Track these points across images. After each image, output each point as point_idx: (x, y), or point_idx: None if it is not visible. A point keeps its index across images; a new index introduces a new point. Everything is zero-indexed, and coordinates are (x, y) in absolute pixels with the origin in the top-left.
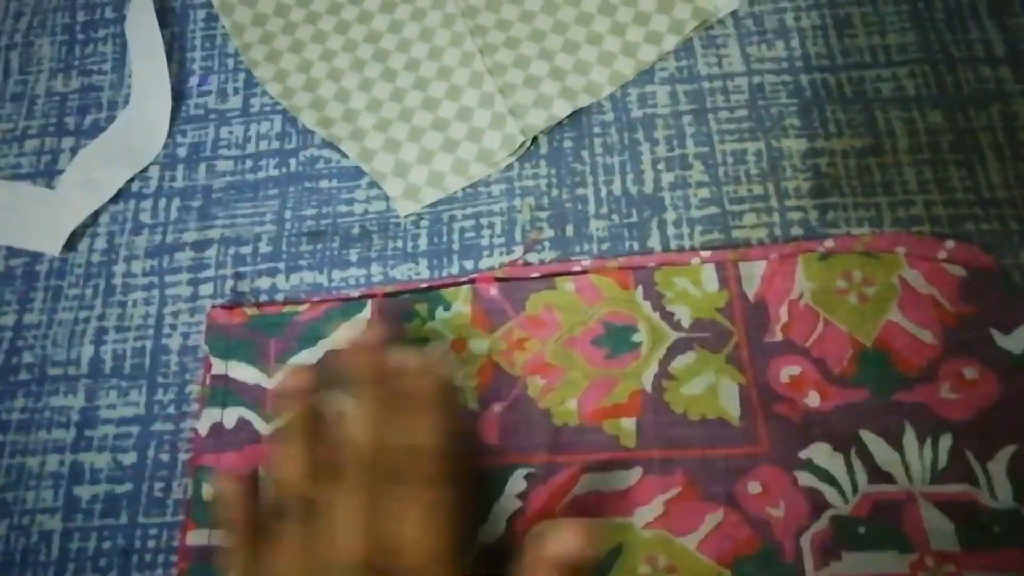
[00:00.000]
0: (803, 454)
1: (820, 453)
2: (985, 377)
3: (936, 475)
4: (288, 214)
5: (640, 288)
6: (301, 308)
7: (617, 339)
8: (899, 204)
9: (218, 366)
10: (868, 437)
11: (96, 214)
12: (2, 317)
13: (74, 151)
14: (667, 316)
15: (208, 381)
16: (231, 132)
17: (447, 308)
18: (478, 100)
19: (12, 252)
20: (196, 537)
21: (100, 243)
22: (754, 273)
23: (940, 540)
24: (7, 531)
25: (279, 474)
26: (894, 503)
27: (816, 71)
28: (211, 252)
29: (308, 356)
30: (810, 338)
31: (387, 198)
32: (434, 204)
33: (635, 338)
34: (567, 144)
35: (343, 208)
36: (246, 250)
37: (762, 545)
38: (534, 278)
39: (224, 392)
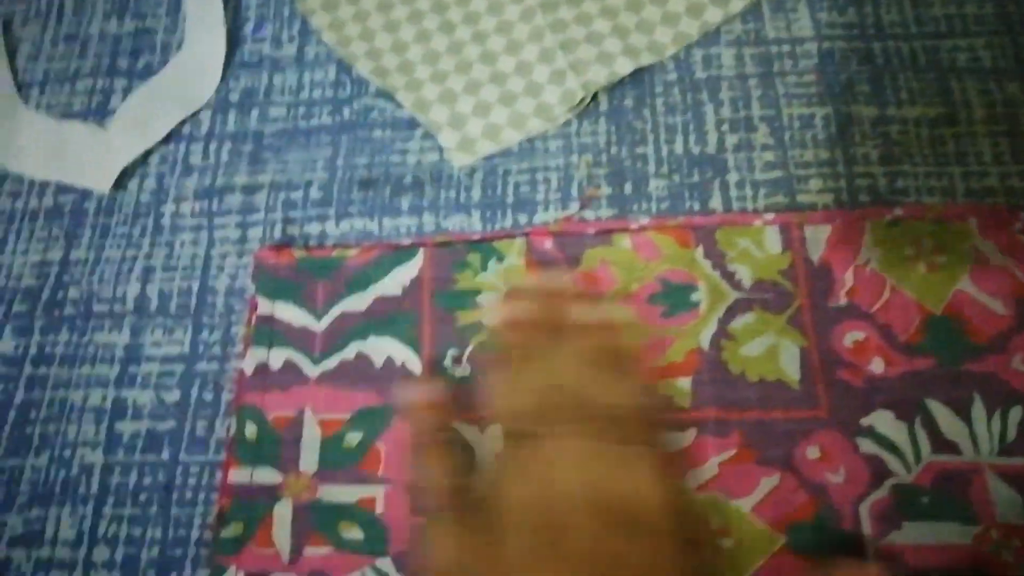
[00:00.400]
0: (865, 421)
1: (883, 421)
2: None
3: (1005, 447)
4: (340, 162)
5: (700, 247)
6: (351, 252)
7: (675, 297)
8: (973, 175)
9: (264, 306)
10: (934, 406)
11: (146, 154)
12: (49, 252)
13: (126, 92)
14: (728, 276)
15: (254, 321)
16: (284, 79)
17: (500, 260)
18: (538, 55)
19: (61, 189)
20: (238, 475)
21: (150, 183)
22: (819, 237)
23: (1007, 513)
24: (47, 463)
25: (502, 407)
26: (960, 474)
27: (889, 39)
28: (261, 196)
29: (357, 301)
30: (876, 304)
31: (441, 149)
32: (489, 157)
33: (694, 297)
34: (628, 102)
35: (396, 158)
36: (296, 195)
37: (819, 511)
38: (591, 234)
39: (270, 333)
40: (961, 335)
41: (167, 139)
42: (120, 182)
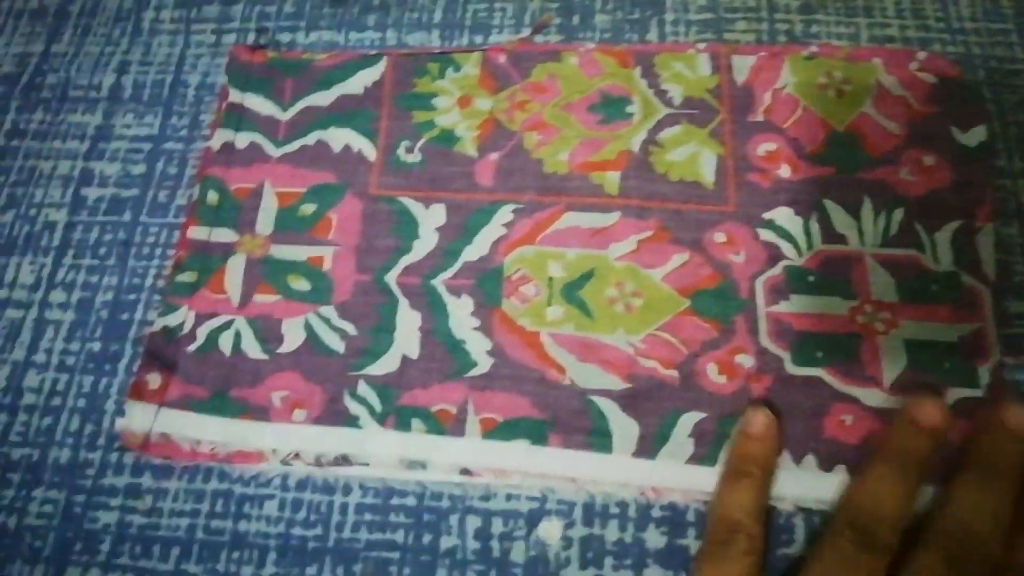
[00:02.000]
0: (767, 215)
1: (783, 215)
2: (941, 164)
3: (887, 240)
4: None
5: (639, 68)
6: (320, 56)
7: (612, 108)
8: (876, 25)
9: (235, 95)
10: (830, 205)
11: None
12: (30, 45)
13: None
14: (660, 93)
15: (224, 107)
16: None
17: (457, 69)
18: None
19: None
20: (196, 233)
21: None
22: (745, 65)
23: (881, 292)
24: (13, 219)
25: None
26: (844, 259)
27: None
28: (238, 8)
29: (322, 97)
30: (788, 120)
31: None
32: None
33: (628, 109)
34: None
35: None
36: (271, 8)
37: (720, 282)
38: (542, 52)
39: (238, 118)
40: (859, 149)
41: None
42: None
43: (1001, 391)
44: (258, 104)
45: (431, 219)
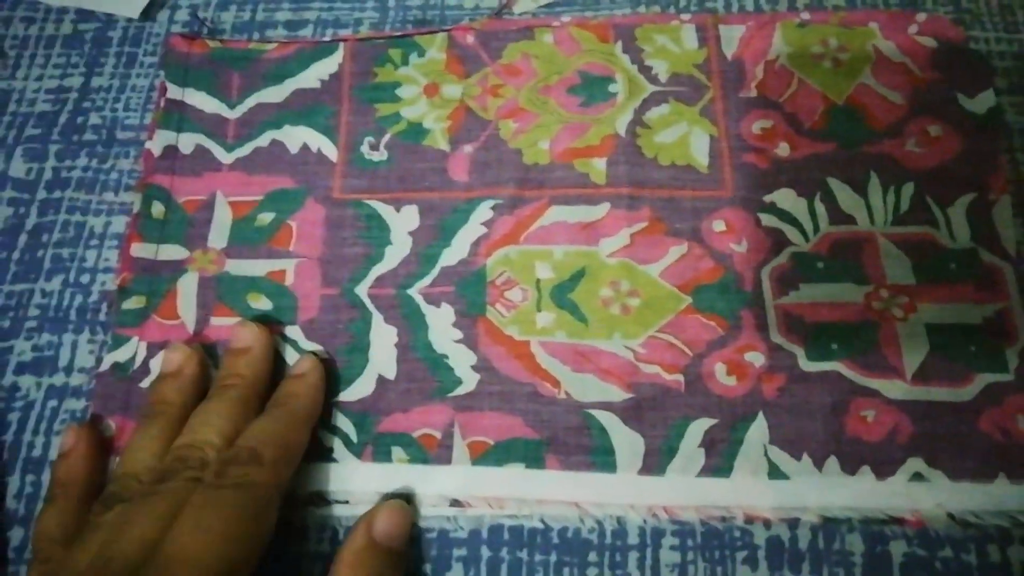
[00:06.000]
0: (768, 198)
1: (785, 197)
2: (948, 134)
3: (898, 218)
4: (392, 2)
5: (620, 42)
6: (268, 47)
7: (593, 88)
8: None
9: (173, 91)
10: (834, 184)
11: None
12: (67, 79)
13: None
14: (645, 70)
15: (163, 104)
16: None
17: (421, 54)
18: None
19: (82, 17)
20: (141, 251)
21: (181, 15)
22: (733, 35)
23: (897, 274)
24: (61, 287)
25: (125, 462)
26: (854, 241)
27: None
28: (305, 32)
29: (274, 93)
30: (784, 95)
31: None
32: (551, 5)
33: (611, 88)
34: None
35: (452, 0)
36: (345, 32)
37: (723, 275)
38: (513, 30)
39: (179, 117)
40: (861, 122)
41: None
42: (148, 12)
43: None
44: (201, 101)
45: (403, 222)
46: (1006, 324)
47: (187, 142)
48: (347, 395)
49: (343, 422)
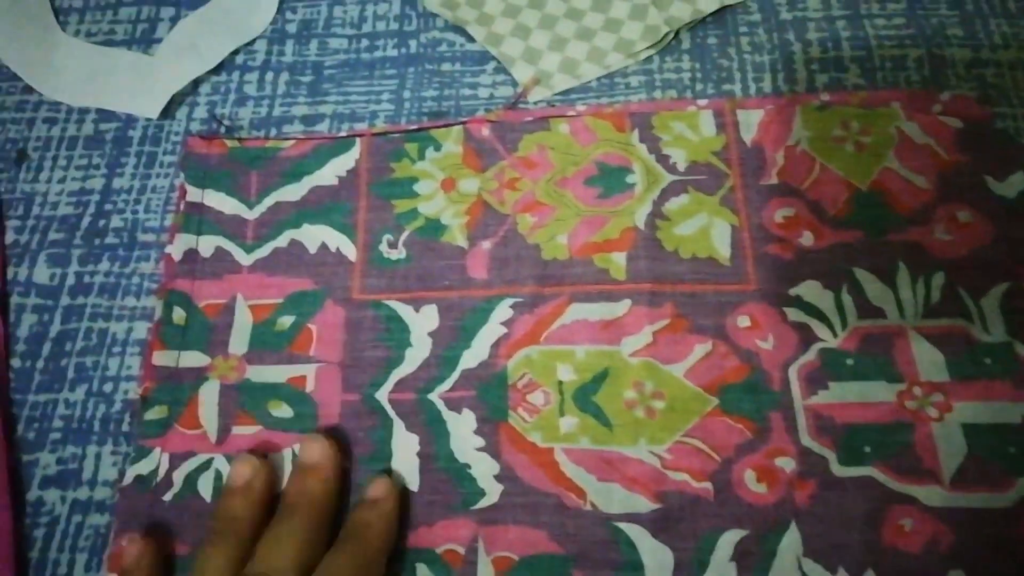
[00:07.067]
0: (793, 291)
1: (810, 290)
2: (978, 220)
3: (929, 310)
4: (407, 94)
5: (636, 131)
6: (286, 144)
7: (611, 179)
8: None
9: (193, 194)
10: (861, 274)
11: (195, 84)
12: (89, 180)
13: (173, 21)
14: (663, 159)
15: (182, 207)
16: (345, 11)
17: (437, 148)
18: None
19: (103, 116)
20: (163, 359)
21: (200, 112)
22: (752, 120)
23: (930, 371)
24: (84, 397)
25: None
26: (884, 336)
27: None
28: (322, 127)
29: (292, 191)
30: (806, 181)
31: (514, 83)
32: (566, 92)
33: (629, 179)
34: (711, 40)
35: (466, 91)
36: (361, 126)
37: (749, 374)
38: (528, 120)
39: (199, 220)
40: (886, 208)
41: (218, 69)
42: (167, 111)
43: None
44: (220, 202)
45: (423, 323)
46: None
47: (207, 245)
48: None
49: None
